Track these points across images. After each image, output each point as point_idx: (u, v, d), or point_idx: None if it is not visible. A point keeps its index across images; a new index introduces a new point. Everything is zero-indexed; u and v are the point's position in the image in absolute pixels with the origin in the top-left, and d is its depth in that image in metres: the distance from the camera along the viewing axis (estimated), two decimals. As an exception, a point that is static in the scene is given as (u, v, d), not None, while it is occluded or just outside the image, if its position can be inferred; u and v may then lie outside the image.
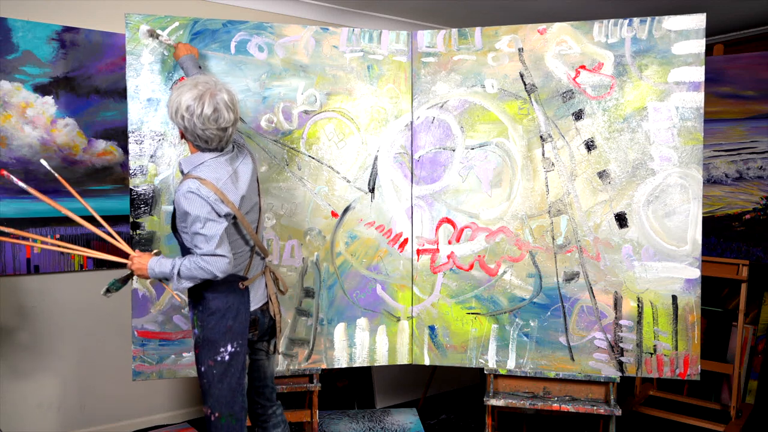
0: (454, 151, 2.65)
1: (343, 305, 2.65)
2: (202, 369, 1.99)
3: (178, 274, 1.89)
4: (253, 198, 2.05)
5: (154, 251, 2.05)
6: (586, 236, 2.54)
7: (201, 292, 1.99)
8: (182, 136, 1.96)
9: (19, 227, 2.85)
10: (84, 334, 3.07)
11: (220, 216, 1.86)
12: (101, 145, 3.03)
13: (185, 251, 2.00)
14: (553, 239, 2.57)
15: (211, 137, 1.89)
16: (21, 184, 2.11)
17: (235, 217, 1.93)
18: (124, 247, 2.11)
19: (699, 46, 2.41)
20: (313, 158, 2.61)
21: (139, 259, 2.00)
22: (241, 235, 2.00)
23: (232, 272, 1.97)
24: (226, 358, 1.97)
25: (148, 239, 2.42)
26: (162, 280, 2.01)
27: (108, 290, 2.08)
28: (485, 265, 2.64)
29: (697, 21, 2.41)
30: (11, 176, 2.09)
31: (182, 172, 1.98)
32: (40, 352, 2.97)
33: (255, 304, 2.06)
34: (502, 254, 2.62)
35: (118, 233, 2.20)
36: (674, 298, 2.47)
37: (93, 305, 3.08)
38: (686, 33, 2.42)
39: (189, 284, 1.90)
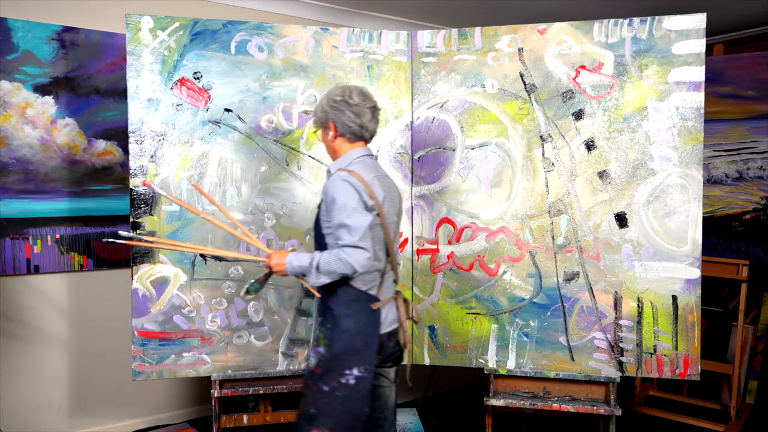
0: (454, 151, 2.65)
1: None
2: (325, 389, 1.88)
3: (317, 267, 1.83)
4: (393, 213, 2.01)
5: (291, 248, 2.08)
6: (586, 236, 2.54)
7: (332, 309, 1.92)
8: (334, 136, 1.98)
9: (19, 227, 2.85)
10: (84, 334, 3.07)
11: (366, 208, 1.85)
12: (101, 145, 3.03)
13: (321, 249, 1.97)
14: (553, 239, 2.57)
15: (362, 116, 1.94)
16: (161, 191, 2.16)
17: (378, 216, 1.90)
18: (261, 245, 2.09)
19: (699, 46, 2.41)
20: (313, 158, 2.61)
21: (277, 256, 1.95)
22: (380, 244, 1.94)
23: (363, 289, 1.92)
24: (351, 381, 1.88)
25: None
26: (300, 277, 1.97)
27: (248, 291, 2.08)
28: (485, 265, 2.64)
29: (697, 21, 2.41)
30: (152, 185, 2.24)
31: (329, 174, 2.02)
32: (40, 352, 2.97)
33: (384, 328, 1.98)
34: (502, 254, 2.62)
35: (118, 233, 2.20)
36: (674, 298, 2.47)
37: (93, 305, 3.08)
38: (686, 33, 2.42)
39: (327, 279, 1.84)
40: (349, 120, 1.94)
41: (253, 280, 2.07)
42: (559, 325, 2.57)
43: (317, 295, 1.96)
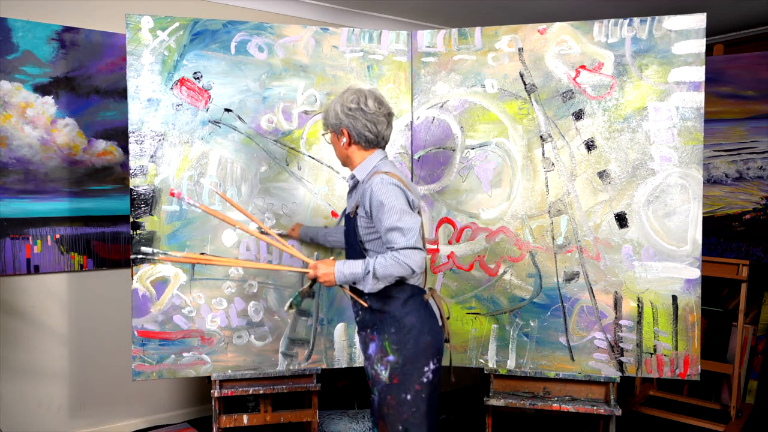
0: (454, 151, 2.65)
1: (343, 305, 2.64)
2: (408, 398, 1.85)
3: (373, 273, 1.78)
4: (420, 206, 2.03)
5: (332, 257, 2.07)
6: (586, 236, 2.54)
7: (390, 312, 1.89)
8: (348, 143, 1.96)
9: (20, 227, 2.85)
10: (84, 334, 3.07)
11: (413, 208, 1.86)
12: (101, 145, 3.03)
13: (356, 257, 1.94)
14: (553, 239, 2.57)
15: (377, 124, 1.92)
16: (191, 202, 2.20)
17: (419, 213, 1.91)
18: (301, 256, 2.05)
19: (699, 46, 2.41)
20: (313, 158, 2.61)
21: (324, 266, 1.88)
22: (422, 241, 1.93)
23: (415, 283, 1.92)
24: (430, 376, 1.87)
25: (148, 239, 2.42)
26: (345, 287, 1.92)
27: (291, 305, 2.04)
28: (485, 265, 2.64)
29: (698, 21, 2.41)
30: (182, 195, 2.22)
31: (356, 183, 1.99)
32: (40, 352, 2.97)
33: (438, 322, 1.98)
34: (502, 254, 2.62)
35: (118, 233, 2.19)
36: (674, 298, 2.47)
37: (93, 305, 3.08)
38: (686, 33, 2.42)
39: (382, 284, 1.81)
40: (364, 128, 1.92)
41: (296, 293, 2.03)
42: (559, 325, 2.57)
43: (365, 305, 1.90)
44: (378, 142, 1.96)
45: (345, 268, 1.84)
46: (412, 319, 1.88)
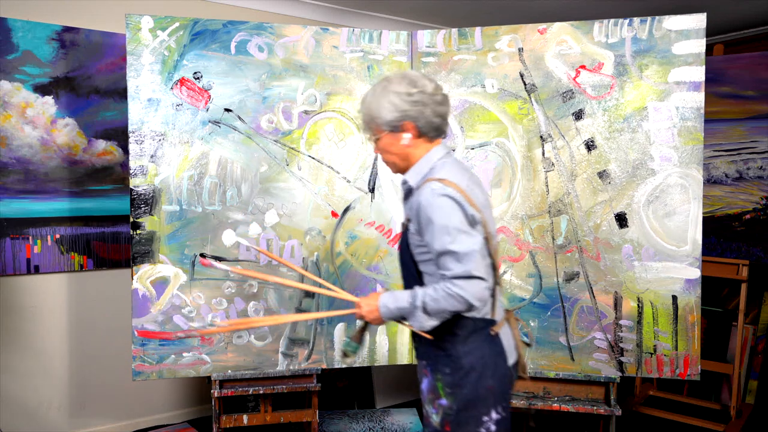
0: (454, 151, 2.65)
1: (342, 305, 2.64)
2: None
3: (423, 307, 1.49)
4: (491, 217, 1.65)
5: (381, 289, 1.77)
6: (586, 236, 2.54)
7: (446, 349, 1.58)
8: (414, 137, 1.62)
9: (20, 227, 2.85)
10: (84, 334, 3.07)
11: (473, 226, 1.51)
12: (101, 145, 3.03)
13: (413, 284, 1.62)
14: (553, 239, 2.57)
15: (442, 105, 1.61)
16: (222, 266, 1.88)
17: (482, 227, 1.56)
18: (344, 295, 1.79)
19: (699, 46, 2.41)
20: (313, 158, 2.61)
21: (367, 302, 1.62)
22: (487, 258, 1.56)
23: (479, 316, 1.58)
24: (492, 428, 1.56)
25: (148, 239, 2.42)
26: (401, 321, 1.62)
27: (345, 354, 1.77)
28: (485, 265, 2.64)
29: (698, 21, 2.41)
30: (212, 261, 1.86)
31: (410, 189, 1.65)
32: (40, 352, 2.97)
33: (508, 358, 1.64)
34: (502, 254, 2.62)
35: (118, 233, 2.19)
36: (674, 298, 2.47)
37: (93, 305, 3.08)
38: (686, 33, 2.42)
39: (436, 322, 1.51)
40: (432, 114, 1.59)
41: (347, 339, 1.77)
42: (559, 325, 2.57)
43: (429, 337, 1.58)
44: (445, 129, 1.65)
45: (391, 302, 1.56)
46: (472, 359, 1.55)
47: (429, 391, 1.64)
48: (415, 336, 1.67)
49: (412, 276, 1.63)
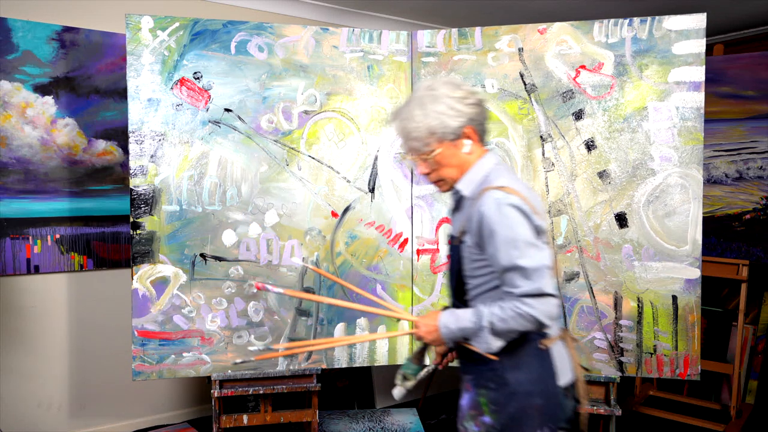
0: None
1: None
2: None
3: (491, 328, 1.38)
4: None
5: (441, 305, 1.63)
6: (586, 236, 2.54)
7: (492, 363, 1.44)
8: (475, 143, 1.51)
9: (20, 227, 2.85)
10: (84, 334, 3.07)
11: (539, 237, 1.40)
12: (101, 145, 3.03)
13: (461, 299, 1.52)
14: (553, 239, 2.57)
15: (487, 117, 1.55)
16: (277, 290, 1.68)
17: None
18: (403, 315, 1.65)
19: (699, 46, 2.41)
20: (313, 158, 2.61)
21: (426, 322, 1.50)
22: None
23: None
24: None
25: (148, 239, 2.42)
26: (464, 342, 1.48)
27: (405, 377, 1.61)
28: (485, 265, 2.64)
29: (698, 21, 2.41)
30: (266, 286, 1.64)
31: (461, 198, 1.54)
32: (40, 352, 2.97)
33: (560, 378, 1.49)
34: (502, 254, 2.62)
35: (118, 233, 2.19)
36: (674, 298, 2.47)
37: (93, 305, 3.08)
38: (686, 33, 2.42)
39: (503, 343, 1.40)
40: (485, 118, 1.52)
41: (407, 361, 1.60)
42: (559, 325, 2.57)
43: (494, 358, 1.43)
44: (484, 137, 1.56)
45: (452, 322, 1.44)
46: (520, 375, 1.43)
47: (471, 407, 1.53)
48: (461, 351, 1.55)
49: (461, 292, 1.52)
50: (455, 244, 1.52)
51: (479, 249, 1.43)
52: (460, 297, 1.52)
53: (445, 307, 1.51)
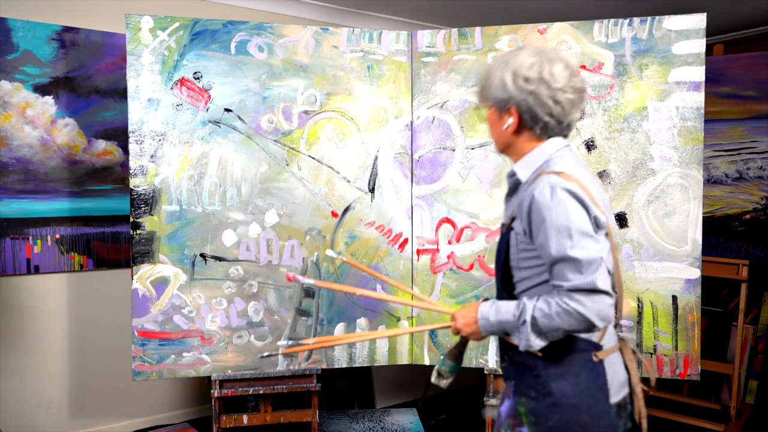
0: (454, 151, 2.65)
1: (342, 305, 2.65)
2: None
3: (532, 323, 1.26)
4: (614, 225, 1.52)
5: (481, 298, 1.54)
6: (586, 236, 2.54)
7: (535, 367, 1.33)
8: (515, 127, 1.38)
9: (20, 227, 2.85)
10: (84, 334, 3.07)
11: (599, 228, 1.28)
12: (101, 145, 3.03)
13: (507, 292, 1.40)
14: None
15: (565, 105, 1.33)
16: (307, 281, 1.65)
17: (607, 235, 1.31)
18: (439, 307, 1.58)
19: (699, 46, 2.41)
20: (313, 158, 2.61)
21: (463, 314, 1.40)
22: (608, 271, 1.29)
23: (583, 335, 1.32)
24: None
25: (148, 239, 2.43)
26: (505, 336, 1.39)
27: (440, 375, 1.51)
28: (485, 265, 2.64)
29: (698, 21, 2.41)
30: (296, 276, 1.61)
31: (516, 184, 1.43)
32: (40, 352, 2.97)
33: (612, 395, 1.34)
34: (502, 254, 2.62)
35: (118, 233, 2.18)
36: (674, 298, 2.47)
37: (93, 305, 3.08)
38: (686, 33, 2.42)
39: (545, 342, 1.28)
40: (543, 110, 1.34)
41: (442, 357, 1.50)
42: (559, 325, 2.57)
43: (537, 354, 1.32)
44: (560, 129, 1.38)
45: (492, 314, 1.34)
46: (565, 385, 1.30)
47: (509, 415, 1.40)
48: (504, 351, 1.44)
49: (509, 286, 1.40)
50: (504, 232, 1.41)
51: (529, 237, 1.31)
52: (508, 291, 1.40)
53: (486, 299, 1.41)
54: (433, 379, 1.50)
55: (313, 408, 2.65)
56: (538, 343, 1.28)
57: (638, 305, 2.50)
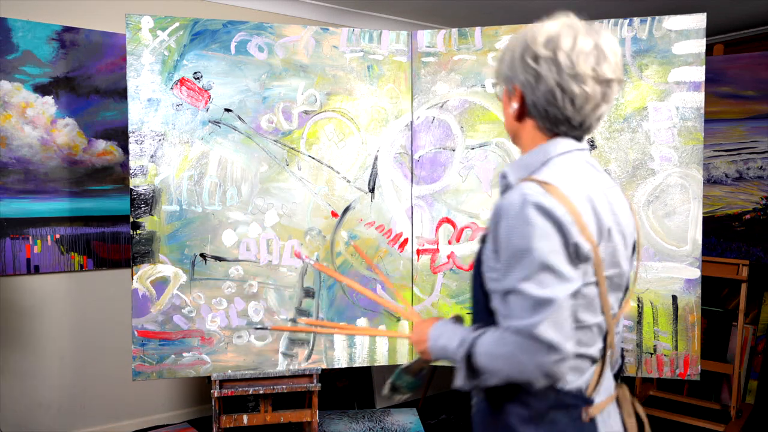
0: (454, 151, 2.65)
1: (343, 305, 2.65)
2: None
3: (468, 358, 1.05)
4: (621, 252, 1.12)
5: (437, 313, 1.30)
6: (586, 236, 2.54)
7: (510, 423, 1.07)
8: (518, 112, 1.13)
9: (20, 227, 2.85)
10: (84, 334, 3.07)
11: (574, 262, 1.01)
12: (101, 145, 3.03)
13: (483, 317, 1.12)
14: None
15: (578, 98, 1.05)
16: (338, 277, 1.47)
17: (592, 270, 1.04)
18: (405, 314, 1.34)
19: (699, 46, 2.41)
20: (313, 158, 2.61)
21: (420, 328, 1.21)
22: (592, 312, 1.07)
23: (567, 387, 1.06)
24: None
25: (148, 239, 2.42)
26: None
27: (395, 389, 1.30)
28: (485, 265, 2.64)
29: (698, 21, 2.41)
30: (322, 266, 1.52)
31: (507, 186, 1.15)
32: (40, 352, 2.97)
33: None
34: (502, 254, 2.62)
35: (118, 233, 2.19)
36: (674, 298, 2.47)
37: (93, 305, 3.08)
38: (686, 33, 2.42)
39: (476, 383, 1.06)
40: (547, 97, 1.07)
41: (399, 371, 1.29)
42: (559, 325, 2.57)
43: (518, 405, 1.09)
44: (568, 128, 1.10)
45: (439, 336, 1.14)
46: None
47: None
48: (475, 394, 1.19)
49: (481, 311, 1.13)
50: (480, 245, 1.15)
51: (496, 255, 1.05)
52: (483, 313, 1.12)
53: (457, 317, 1.23)
54: (385, 391, 1.30)
55: (313, 408, 2.65)
56: (470, 384, 1.07)
57: (638, 305, 2.50)
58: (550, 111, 1.08)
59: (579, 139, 1.13)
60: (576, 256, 1.01)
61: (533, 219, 0.98)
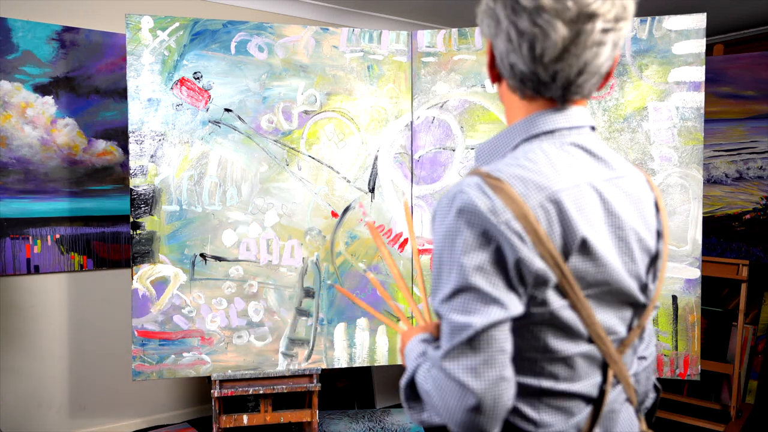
0: (454, 151, 2.65)
1: (343, 305, 2.65)
2: None
3: (408, 384, 0.91)
4: (614, 261, 0.85)
5: (412, 319, 1.05)
6: (586, 236, 2.54)
7: None
8: (492, 74, 0.93)
9: (20, 227, 2.85)
10: (84, 334, 3.07)
11: (518, 281, 0.79)
12: (101, 145, 3.03)
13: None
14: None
15: (536, 37, 0.80)
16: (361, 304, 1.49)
17: (560, 289, 0.81)
18: (415, 313, 1.19)
19: (699, 46, 2.41)
20: (313, 158, 2.61)
21: (405, 338, 1.07)
22: (570, 336, 0.84)
23: (548, 430, 0.85)
24: None
25: (148, 239, 2.43)
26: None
27: None
28: (485, 265, 2.63)
29: (698, 21, 2.41)
30: (344, 291, 1.44)
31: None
32: (40, 352, 2.97)
33: None
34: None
35: (118, 233, 2.19)
36: (674, 298, 2.47)
37: (93, 305, 3.08)
38: (686, 33, 2.42)
39: (418, 416, 0.90)
40: (507, 47, 0.85)
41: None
42: (559, 325, 2.57)
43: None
44: (540, 86, 0.85)
45: (410, 351, 0.97)
46: None
47: None
48: None
49: None
50: None
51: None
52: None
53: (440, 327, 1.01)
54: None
55: (313, 408, 2.65)
56: (414, 417, 0.90)
57: (638, 305, 2.50)
58: (513, 63, 0.85)
59: (564, 102, 0.87)
60: (519, 276, 0.78)
61: (459, 226, 0.78)
